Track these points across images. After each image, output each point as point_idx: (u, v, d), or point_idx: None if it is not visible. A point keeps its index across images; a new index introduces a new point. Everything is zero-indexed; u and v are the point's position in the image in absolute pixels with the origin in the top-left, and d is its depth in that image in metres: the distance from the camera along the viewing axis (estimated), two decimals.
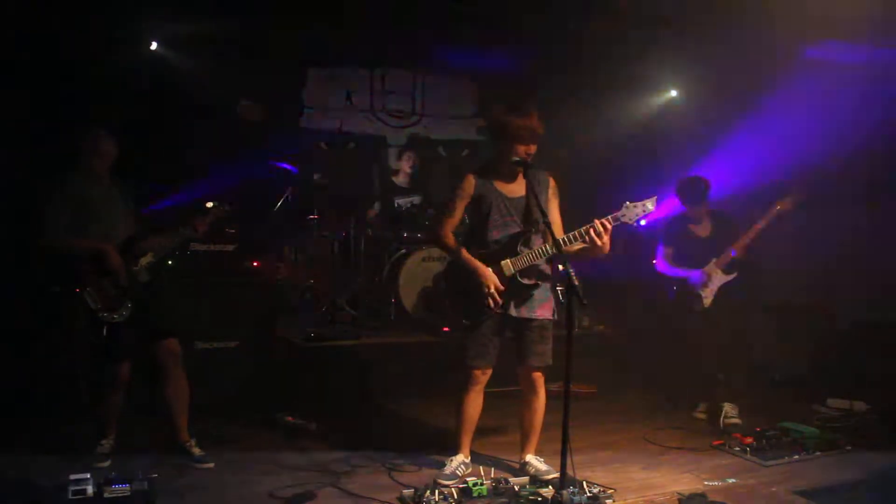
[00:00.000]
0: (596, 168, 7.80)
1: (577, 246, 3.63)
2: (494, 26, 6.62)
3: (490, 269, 3.70)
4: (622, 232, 3.74)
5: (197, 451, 4.07)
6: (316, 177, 6.69)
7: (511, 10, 6.16)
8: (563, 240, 3.59)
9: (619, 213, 3.58)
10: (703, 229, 5.19)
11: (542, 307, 3.83)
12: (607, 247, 3.57)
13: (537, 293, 3.81)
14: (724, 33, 6.05)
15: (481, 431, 4.13)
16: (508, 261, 3.73)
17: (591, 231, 3.53)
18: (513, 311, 3.78)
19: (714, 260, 5.03)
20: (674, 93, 8.02)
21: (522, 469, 3.92)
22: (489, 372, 3.86)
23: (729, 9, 5.40)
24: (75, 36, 5.67)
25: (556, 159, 6.85)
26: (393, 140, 8.17)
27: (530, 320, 3.81)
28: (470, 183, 3.82)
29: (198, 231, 4.18)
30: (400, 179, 7.12)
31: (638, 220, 3.60)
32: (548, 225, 3.53)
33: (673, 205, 5.44)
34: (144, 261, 4.07)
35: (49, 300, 4.72)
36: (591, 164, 7.78)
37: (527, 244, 3.77)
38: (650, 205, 3.55)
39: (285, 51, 7.01)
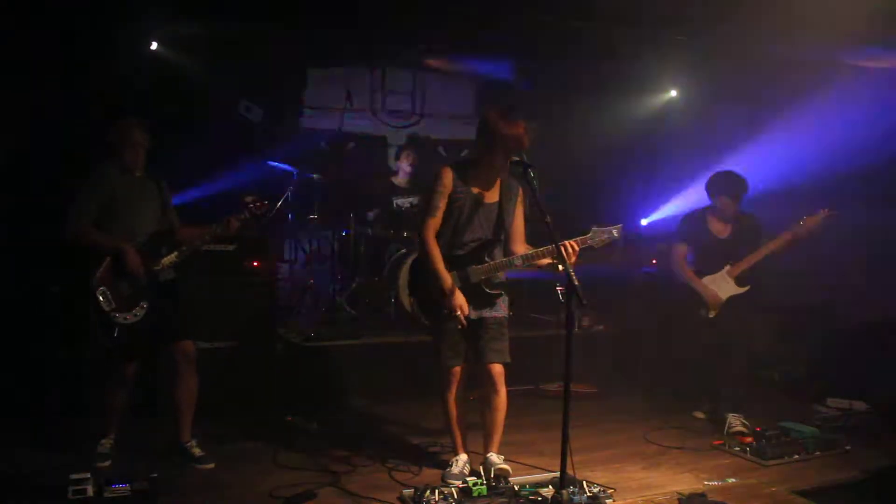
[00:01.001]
0: (593, 169, 7.82)
1: (546, 261, 3.65)
2: (494, 26, 6.62)
3: (460, 296, 3.69)
4: (622, 232, 3.75)
5: (198, 451, 4.07)
6: (316, 177, 6.68)
7: (511, 9, 6.16)
8: (531, 255, 3.66)
9: (587, 237, 3.62)
10: (723, 230, 5.02)
11: (498, 305, 3.85)
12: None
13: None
14: (726, 35, 6.06)
15: (480, 431, 4.13)
16: (475, 268, 3.75)
17: (563, 251, 3.47)
18: (472, 315, 3.79)
19: (728, 267, 4.92)
20: (673, 93, 8.03)
21: (483, 465, 3.88)
22: (463, 366, 3.88)
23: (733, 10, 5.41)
24: (76, 35, 5.67)
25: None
26: (393, 140, 8.17)
27: (486, 319, 3.82)
28: (448, 177, 3.77)
29: (231, 227, 4.07)
30: (399, 179, 7.12)
31: (603, 243, 3.63)
32: (548, 225, 3.50)
33: (690, 202, 5.36)
34: (167, 260, 4.02)
35: (49, 300, 4.73)
36: (587, 165, 7.80)
37: (491, 255, 3.79)
38: (615, 232, 3.63)
39: (285, 51, 7.01)
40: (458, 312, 3.67)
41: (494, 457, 3.87)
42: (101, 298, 3.85)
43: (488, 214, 3.81)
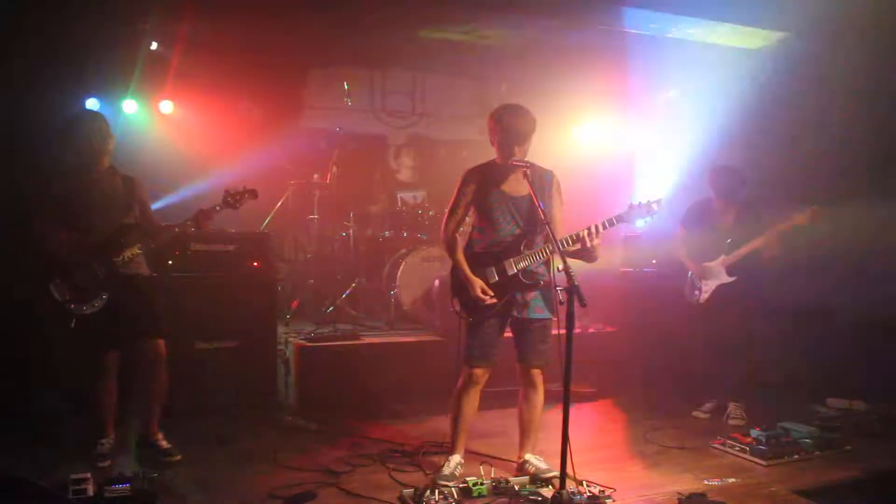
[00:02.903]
0: (591, 169, 7.80)
1: (576, 247, 3.64)
2: (494, 26, 6.62)
3: (475, 278, 3.74)
4: (623, 232, 3.75)
5: (165, 444, 4.11)
6: (316, 177, 6.69)
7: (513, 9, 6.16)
8: (563, 241, 3.60)
9: (622, 213, 3.61)
10: (726, 220, 5.09)
11: (543, 307, 3.84)
12: (597, 251, 3.61)
13: (539, 293, 3.82)
14: None
15: (481, 432, 4.13)
16: (511, 260, 3.75)
17: (586, 234, 3.53)
18: (515, 313, 3.80)
19: (723, 257, 4.99)
20: (674, 91, 8.00)
21: (521, 468, 3.92)
22: (488, 373, 3.86)
23: None
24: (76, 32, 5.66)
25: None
26: (393, 140, 8.18)
27: (532, 320, 3.82)
28: (471, 181, 3.84)
29: (199, 226, 4.10)
30: (403, 176, 7.12)
31: (642, 220, 3.61)
32: (548, 224, 3.53)
33: (699, 189, 5.38)
34: (129, 253, 3.98)
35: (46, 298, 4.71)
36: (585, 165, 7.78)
37: (529, 245, 3.78)
38: (655, 206, 3.57)
39: (285, 51, 7.00)
40: (486, 301, 3.70)
41: (535, 460, 3.90)
42: (53, 291, 3.87)
43: (519, 208, 3.80)
